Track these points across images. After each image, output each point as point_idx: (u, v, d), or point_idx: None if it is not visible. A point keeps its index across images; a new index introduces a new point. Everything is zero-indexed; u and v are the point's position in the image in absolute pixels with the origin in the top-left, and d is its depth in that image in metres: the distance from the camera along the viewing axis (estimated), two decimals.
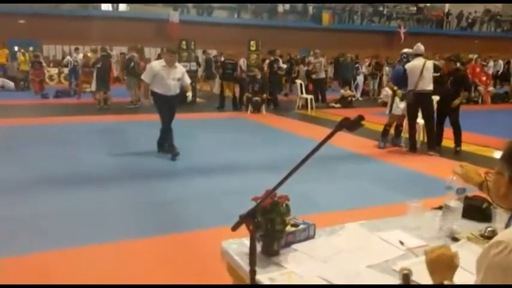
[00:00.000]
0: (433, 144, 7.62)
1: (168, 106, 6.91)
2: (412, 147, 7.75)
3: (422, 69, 7.31)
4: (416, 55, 7.62)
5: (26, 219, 4.40)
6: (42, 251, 3.66)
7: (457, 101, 7.65)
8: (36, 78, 15.86)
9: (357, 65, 17.04)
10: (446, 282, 1.36)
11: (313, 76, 14.29)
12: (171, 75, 6.81)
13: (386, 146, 8.12)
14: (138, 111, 12.11)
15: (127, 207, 4.84)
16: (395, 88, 8.00)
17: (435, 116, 7.82)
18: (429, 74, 7.43)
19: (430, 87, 7.45)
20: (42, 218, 4.42)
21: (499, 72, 20.12)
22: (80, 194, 5.20)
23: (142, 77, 7.04)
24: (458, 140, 7.71)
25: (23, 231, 4.12)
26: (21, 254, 3.59)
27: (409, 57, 8.18)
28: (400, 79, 7.78)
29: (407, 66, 7.65)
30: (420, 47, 7.63)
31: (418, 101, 7.45)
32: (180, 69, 7.05)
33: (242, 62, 13.77)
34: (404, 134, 8.39)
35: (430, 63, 7.56)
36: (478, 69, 16.31)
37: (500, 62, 20.29)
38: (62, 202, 4.92)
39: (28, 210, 4.64)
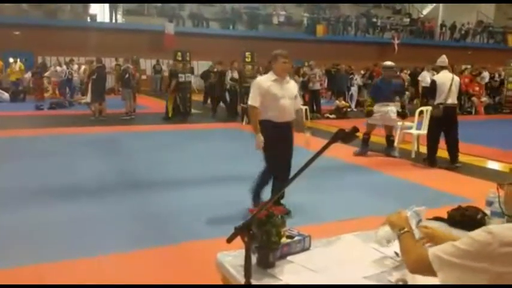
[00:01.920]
0: (457, 156, 7.53)
1: (283, 139, 4.63)
2: (432, 162, 7.51)
3: (451, 83, 7.27)
4: (442, 67, 7.55)
5: (19, 230, 4.36)
6: (36, 263, 3.62)
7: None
8: (37, 87, 16.08)
9: (351, 76, 17.13)
10: (400, 231, 1.65)
11: (310, 87, 14.40)
12: (286, 92, 4.65)
13: (366, 154, 8.19)
14: (133, 123, 12.09)
15: (121, 219, 4.81)
16: (369, 103, 8.23)
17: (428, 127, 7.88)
18: (457, 88, 7.43)
19: (456, 101, 7.49)
20: (36, 230, 4.38)
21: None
22: (74, 205, 5.17)
23: (250, 102, 4.61)
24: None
25: (16, 242, 4.08)
26: (15, 266, 3.55)
27: (396, 70, 8.25)
28: (428, 92, 7.65)
29: (437, 78, 7.55)
30: (445, 59, 7.56)
31: (446, 114, 7.33)
32: (293, 84, 4.92)
33: (228, 74, 14.01)
34: (398, 145, 8.42)
35: (457, 78, 7.58)
36: (467, 80, 16.45)
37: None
38: (56, 213, 4.88)
39: (22, 221, 4.59)
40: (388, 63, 8.48)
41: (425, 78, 15.05)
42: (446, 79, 7.37)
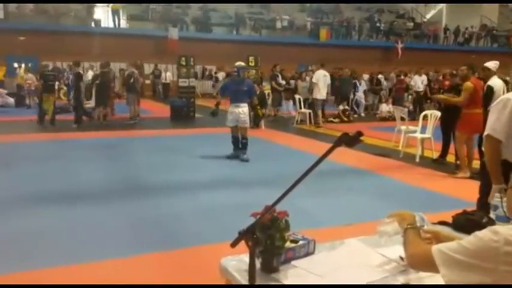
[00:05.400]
0: None
1: None
2: None
3: (503, 90, 6.52)
4: (494, 73, 6.86)
5: (20, 236, 4.35)
6: (35, 269, 3.62)
7: None
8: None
9: (355, 81, 17.05)
10: (408, 225, 1.69)
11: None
12: None
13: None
14: (137, 127, 12.11)
15: (125, 223, 4.81)
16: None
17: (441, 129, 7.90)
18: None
19: None
20: (37, 235, 4.37)
21: None
22: (78, 210, 5.17)
23: (490, 131, 2.88)
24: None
25: (16, 248, 4.06)
26: (14, 272, 3.54)
27: (239, 72, 8.09)
28: (484, 99, 6.52)
29: (494, 85, 6.57)
30: (497, 64, 6.90)
31: None
32: None
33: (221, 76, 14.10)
34: (403, 149, 8.40)
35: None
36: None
37: None
38: (59, 218, 4.88)
39: (23, 227, 4.59)
40: (237, 63, 8.32)
41: (416, 82, 14.99)
42: (500, 86, 6.67)
